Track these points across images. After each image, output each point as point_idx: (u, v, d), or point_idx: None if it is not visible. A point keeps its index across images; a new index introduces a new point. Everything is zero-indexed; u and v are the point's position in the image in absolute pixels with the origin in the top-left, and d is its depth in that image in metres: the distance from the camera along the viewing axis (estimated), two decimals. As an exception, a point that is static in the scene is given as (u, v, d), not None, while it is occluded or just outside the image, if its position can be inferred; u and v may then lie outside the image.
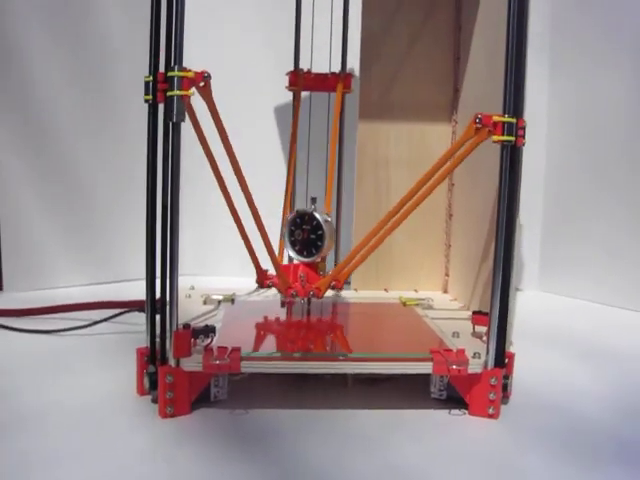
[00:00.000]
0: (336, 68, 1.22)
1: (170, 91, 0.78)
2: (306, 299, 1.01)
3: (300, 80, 1.21)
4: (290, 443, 0.76)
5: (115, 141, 1.49)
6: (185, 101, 0.78)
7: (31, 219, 1.43)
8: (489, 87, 1.03)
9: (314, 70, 1.22)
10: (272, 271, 0.99)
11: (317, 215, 1.01)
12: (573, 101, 1.50)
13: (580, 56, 1.47)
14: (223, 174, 0.88)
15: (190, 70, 0.79)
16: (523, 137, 0.83)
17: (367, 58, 1.25)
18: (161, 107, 0.80)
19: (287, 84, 1.22)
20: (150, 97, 0.82)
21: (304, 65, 1.23)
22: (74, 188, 1.47)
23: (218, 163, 0.86)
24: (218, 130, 0.85)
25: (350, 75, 1.22)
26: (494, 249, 0.83)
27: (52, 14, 1.39)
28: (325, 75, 1.21)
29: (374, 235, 0.93)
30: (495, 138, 0.82)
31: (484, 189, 1.05)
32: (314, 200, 1.03)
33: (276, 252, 1.03)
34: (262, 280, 1.01)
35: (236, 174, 0.89)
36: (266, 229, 0.94)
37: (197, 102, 0.82)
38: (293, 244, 1.02)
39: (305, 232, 1.01)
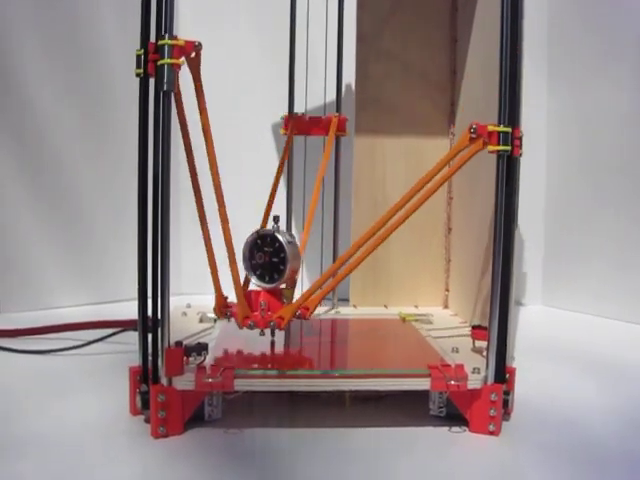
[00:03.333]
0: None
1: (161, 60, 0.77)
2: (269, 330, 0.91)
3: (294, 124, 1.20)
4: (286, 463, 0.74)
5: (113, 161, 1.48)
6: (176, 70, 0.77)
7: (27, 240, 1.42)
8: (486, 100, 1.02)
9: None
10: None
11: (279, 236, 0.90)
12: (572, 113, 1.49)
13: (579, 67, 1.47)
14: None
15: (181, 39, 0.78)
16: (520, 147, 0.81)
17: (363, 72, 1.24)
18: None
19: (282, 128, 1.23)
20: (141, 70, 0.81)
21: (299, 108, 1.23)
22: (70, 208, 1.46)
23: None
24: (199, 108, 0.83)
25: (344, 118, 1.21)
26: (492, 262, 0.82)
27: (47, 34, 1.39)
28: (319, 118, 1.20)
29: (353, 252, 0.88)
30: (491, 148, 0.81)
31: (483, 202, 1.04)
32: (276, 219, 0.92)
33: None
34: (220, 308, 0.90)
35: (214, 181, 0.86)
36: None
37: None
38: (254, 268, 0.91)
39: (267, 255, 0.90)
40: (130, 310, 0.92)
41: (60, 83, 1.41)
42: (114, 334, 1.10)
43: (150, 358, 0.81)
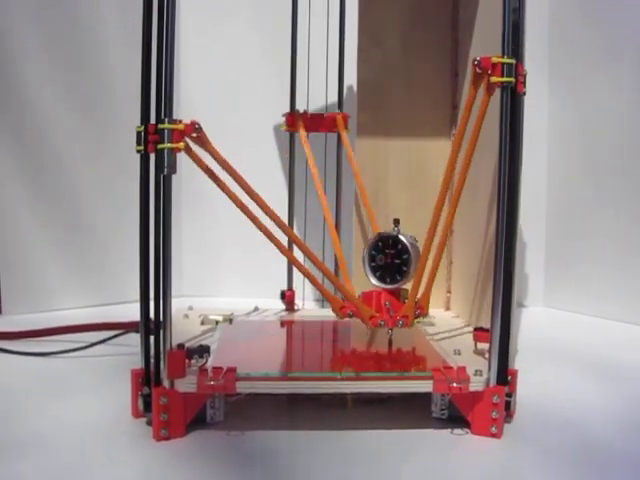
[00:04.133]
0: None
1: (161, 144, 0.77)
2: (390, 329, 0.94)
3: (297, 121, 1.19)
4: (288, 465, 0.74)
5: (114, 163, 1.48)
6: (178, 152, 0.78)
7: (29, 242, 1.42)
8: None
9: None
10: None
11: (402, 238, 0.94)
12: (573, 113, 1.49)
13: (580, 67, 1.47)
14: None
15: (181, 122, 0.78)
16: (524, 85, 0.81)
17: (364, 75, 1.24)
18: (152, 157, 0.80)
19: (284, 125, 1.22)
20: (141, 148, 0.81)
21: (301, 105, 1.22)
22: (73, 210, 1.46)
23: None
24: (228, 173, 0.84)
25: (347, 115, 1.20)
26: (494, 263, 0.82)
27: (50, 35, 1.39)
28: (321, 115, 1.20)
29: (430, 242, 0.88)
30: (494, 79, 0.80)
31: (485, 205, 1.04)
32: (397, 222, 0.96)
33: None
34: (341, 310, 0.91)
35: (262, 208, 0.85)
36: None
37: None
38: (374, 270, 0.95)
39: (388, 256, 0.94)
40: (132, 312, 0.92)
41: (60, 83, 1.41)
42: (116, 336, 1.10)
43: (152, 360, 0.81)
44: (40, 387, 0.97)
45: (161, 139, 0.77)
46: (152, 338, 0.81)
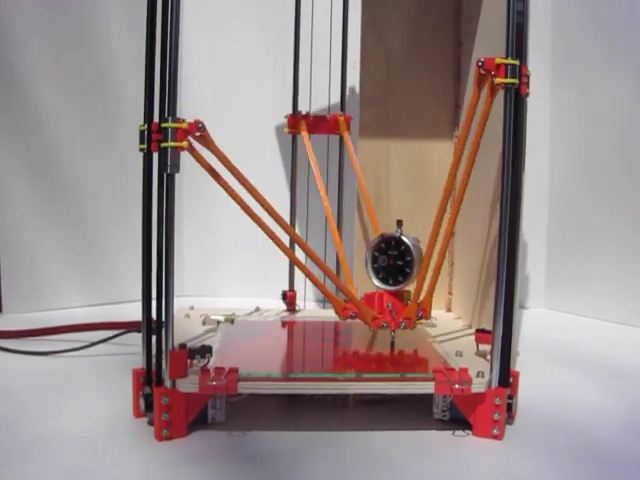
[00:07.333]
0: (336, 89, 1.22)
1: (164, 142, 0.77)
2: (393, 331, 0.93)
3: (299, 123, 1.19)
4: (289, 466, 0.74)
5: (116, 162, 1.48)
6: (181, 151, 0.77)
7: (31, 241, 1.42)
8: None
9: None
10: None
11: (405, 239, 0.93)
12: (575, 115, 1.49)
13: (582, 70, 1.47)
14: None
15: (184, 121, 0.78)
16: (527, 86, 0.81)
17: (367, 75, 1.24)
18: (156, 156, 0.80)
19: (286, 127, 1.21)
20: (145, 146, 0.81)
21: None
22: (74, 209, 1.47)
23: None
24: (231, 173, 0.83)
25: (349, 117, 1.20)
26: (497, 264, 0.82)
27: (53, 34, 1.39)
28: (324, 117, 1.19)
29: (433, 245, 0.89)
30: (498, 80, 0.80)
31: (486, 206, 1.04)
32: (400, 223, 0.95)
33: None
34: (343, 311, 0.90)
35: (265, 208, 0.85)
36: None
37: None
38: (377, 271, 0.95)
39: (391, 258, 0.94)
40: (133, 311, 0.92)
41: (64, 82, 1.41)
42: (118, 335, 1.10)
43: (154, 360, 0.81)
44: (41, 386, 0.97)
45: (164, 138, 0.77)
46: (154, 338, 0.81)
